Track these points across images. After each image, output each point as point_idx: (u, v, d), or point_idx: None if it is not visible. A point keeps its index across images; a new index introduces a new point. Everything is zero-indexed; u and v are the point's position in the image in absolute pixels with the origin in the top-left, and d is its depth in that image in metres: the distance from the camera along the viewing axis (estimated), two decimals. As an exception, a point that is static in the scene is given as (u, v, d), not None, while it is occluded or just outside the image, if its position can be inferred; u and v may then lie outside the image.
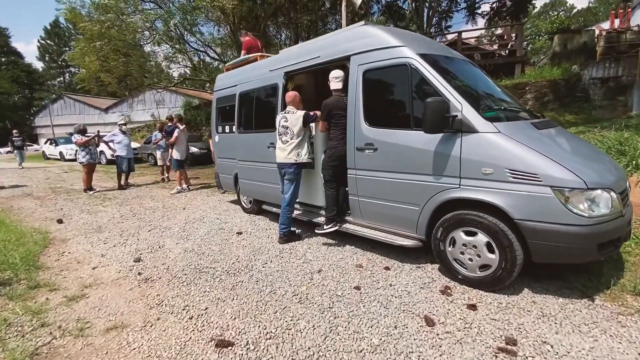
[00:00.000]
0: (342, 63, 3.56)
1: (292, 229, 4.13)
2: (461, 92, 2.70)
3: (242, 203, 5.58)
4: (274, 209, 4.68)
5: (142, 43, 12.09)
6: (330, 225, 3.64)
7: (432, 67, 2.82)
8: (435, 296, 2.60)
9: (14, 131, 15.57)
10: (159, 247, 3.95)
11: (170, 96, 23.03)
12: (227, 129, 5.51)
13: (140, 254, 3.70)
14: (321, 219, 3.99)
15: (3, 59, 45.78)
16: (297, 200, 4.27)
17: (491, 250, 2.58)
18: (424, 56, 2.91)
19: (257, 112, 4.75)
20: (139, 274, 3.18)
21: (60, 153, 19.10)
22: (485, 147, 2.50)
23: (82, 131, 7.76)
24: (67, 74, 50.67)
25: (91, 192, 7.79)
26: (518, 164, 2.37)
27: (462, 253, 2.73)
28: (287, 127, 3.75)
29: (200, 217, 5.29)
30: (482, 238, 2.59)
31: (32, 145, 32.71)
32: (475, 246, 2.64)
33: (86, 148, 7.67)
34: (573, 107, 9.92)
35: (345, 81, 3.54)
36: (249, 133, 4.91)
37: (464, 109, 2.60)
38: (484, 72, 3.67)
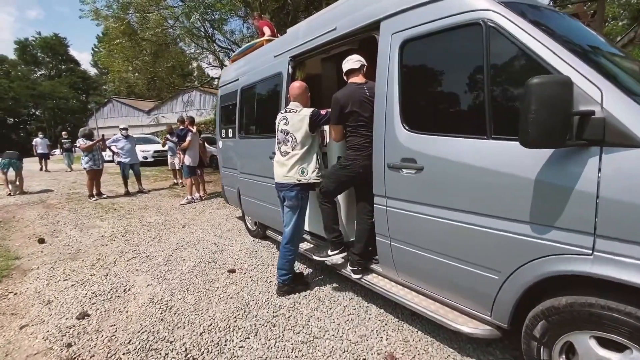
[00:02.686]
0: (369, 34, 2.35)
1: (297, 271, 3.01)
2: (595, 67, 1.38)
3: (247, 224, 4.56)
4: (279, 238, 3.59)
5: (168, 42, 11.64)
6: (336, 252, 2.57)
7: (529, 23, 1.52)
8: None
9: (63, 133, 16.07)
10: (124, 290, 3.01)
11: (200, 97, 23.03)
12: (230, 132, 4.51)
13: (94, 303, 2.78)
14: (332, 258, 2.82)
15: (63, 67, 49.98)
16: (305, 230, 3.15)
17: (666, 391, 1.25)
18: (509, 5, 1.62)
19: (258, 112, 3.67)
20: (68, 345, 2.22)
21: (100, 154, 19.66)
22: (665, 178, 1.17)
23: (88, 135, 7.28)
24: (117, 79, 54.08)
25: (93, 200, 7.30)
26: None
27: (593, 378, 1.42)
28: (288, 133, 2.61)
29: (196, 241, 4.35)
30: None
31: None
32: (625, 374, 1.32)
33: (90, 153, 7.16)
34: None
35: (373, 65, 2.33)
36: (249, 139, 3.86)
37: (607, 97, 1.28)
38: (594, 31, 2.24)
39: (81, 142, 7.30)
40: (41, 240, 4.47)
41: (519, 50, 1.50)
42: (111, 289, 3.03)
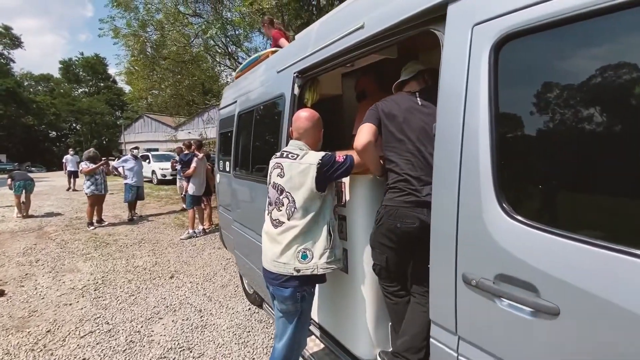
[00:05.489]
0: (422, 30, 1.35)
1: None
2: None
3: (244, 284, 3.58)
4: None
5: (185, 60, 11.29)
6: None
7: None
8: None
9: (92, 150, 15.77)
10: (49, 404, 2.09)
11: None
12: (226, 166, 3.62)
13: None
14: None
15: (101, 84, 52.94)
16: (313, 321, 2.15)
17: None
18: None
19: (255, 146, 2.74)
20: None
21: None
22: None
23: (92, 158, 6.71)
24: (149, 96, 56.67)
25: (92, 228, 6.67)
26: None
27: None
28: (283, 191, 1.63)
29: (178, 304, 3.41)
30: None
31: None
32: None
33: (92, 177, 6.57)
34: None
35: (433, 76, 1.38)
36: (244, 180, 2.93)
37: None
38: None
39: (84, 165, 6.77)
40: (0, 293, 3.72)
41: None
42: (31, 402, 2.11)
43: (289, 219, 1.60)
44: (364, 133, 1.56)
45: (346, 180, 1.82)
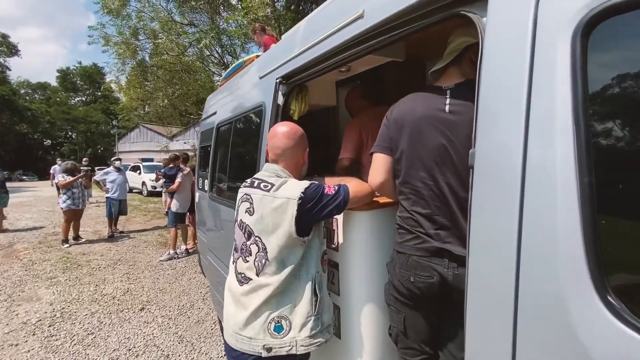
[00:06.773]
0: (450, 12, 0.94)
1: None
2: None
3: (222, 321, 3.10)
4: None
5: (177, 69, 10.98)
6: None
7: None
8: None
9: (84, 160, 14.89)
10: None
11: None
12: (205, 184, 3.19)
13: None
14: None
15: (98, 94, 52.73)
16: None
17: None
18: None
19: (232, 166, 2.32)
20: None
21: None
22: None
23: (69, 170, 6.24)
24: (146, 106, 56.61)
25: (66, 246, 6.16)
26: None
27: None
28: (251, 234, 1.20)
29: (144, 346, 2.91)
30: None
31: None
32: None
33: (69, 191, 6.09)
34: None
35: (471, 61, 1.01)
36: (220, 203, 2.50)
37: None
38: None
39: (60, 178, 6.29)
40: (-63, 329, 3.20)
41: None
42: None
43: (258, 275, 1.16)
44: (378, 170, 1.22)
45: (339, 215, 1.40)
